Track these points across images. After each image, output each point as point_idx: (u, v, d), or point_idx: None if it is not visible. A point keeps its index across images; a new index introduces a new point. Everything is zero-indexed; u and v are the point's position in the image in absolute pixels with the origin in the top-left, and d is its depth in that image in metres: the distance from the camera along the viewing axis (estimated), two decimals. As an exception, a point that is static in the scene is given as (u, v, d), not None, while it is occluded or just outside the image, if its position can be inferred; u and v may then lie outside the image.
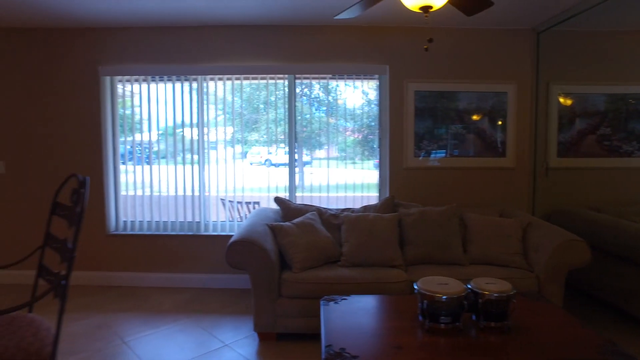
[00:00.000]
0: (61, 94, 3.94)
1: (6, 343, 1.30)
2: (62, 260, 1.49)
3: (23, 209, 4.02)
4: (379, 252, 3.02)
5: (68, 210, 1.56)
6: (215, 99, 3.93)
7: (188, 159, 3.95)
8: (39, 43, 3.92)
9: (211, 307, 3.46)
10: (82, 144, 3.94)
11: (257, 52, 3.82)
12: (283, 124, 3.95)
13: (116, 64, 3.89)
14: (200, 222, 3.95)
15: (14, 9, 3.33)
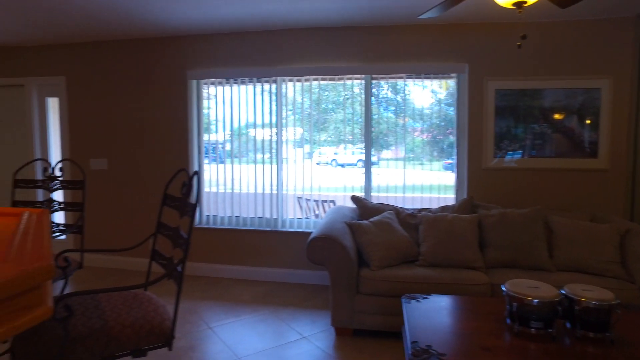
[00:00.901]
0: (154, 97, 4.30)
1: (135, 314, 1.47)
2: (175, 247, 1.66)
3: (123, 201, 4.45)
4: (458, 253, 2.96)
5: (178, 201, 1.73)
6: (293, 100, 4.07)
7: (264, 158, 4.13)
8: (136, 52, 4.32)
9: (288, 301, 3.60)
10: (172, 142, 4.28)
11: (334, 53, 3.91)
12: (352, 124, 4.00)
13: (202, 68, 4.17)
14: (278, 218, 4.12)
15: (119, 23, 3.71)
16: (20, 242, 1.24)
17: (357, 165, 4.17)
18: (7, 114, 4.81)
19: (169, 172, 4.30)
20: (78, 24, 3.79)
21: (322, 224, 3.07)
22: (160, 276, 1.52)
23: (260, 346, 2.81)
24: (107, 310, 1.51)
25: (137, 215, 4.43)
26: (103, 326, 1.39)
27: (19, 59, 4.68)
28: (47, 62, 4.60)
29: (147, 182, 4.37)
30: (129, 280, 4.12)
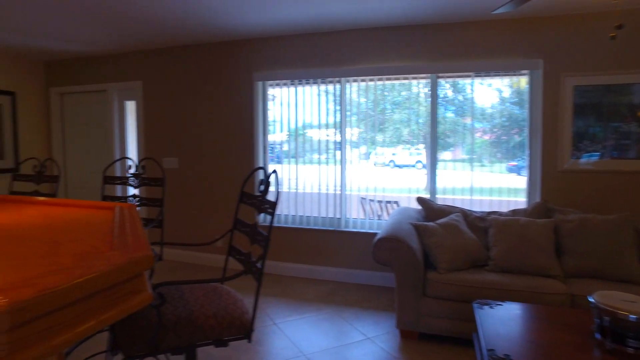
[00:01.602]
0: (223, 99, 4.48)
1: (217, 306, 1.53)
2: (252, 243, 1.71)
3: (192, 198, 4.68)
4: (532, 258, 2.81)
5: (255, 198, 1.79)
6: (351, 101, 4.07)
7: (322, 158, 4.16)
8: (206, 56, 4.53)
9: (351, 301, 3.59)
10: (238, 142, 4.44)
11: (398, 52, 3.86)
12: (412, 125, 3.93)
13: (267, 69, 4.29)
14: (341, 218, 4.13)
15: (192, 30, 3.91)
16: (120, 233, 1.34)
17: (415, 166, 4.09)
18: (92, 116, 5.23)
19: (236, 172, 4.46)
20: (155, 32, 4.04)
21: (388, 225, 3.04)
22: (239, 272, 1.58)
23: (325, 344, 2.83)
24: (191, 300, 1.59)
25: (204, 212, 4.64)
26: (189, 315, 1.47)
27: (102, 67, 5.07)
28: (126, 68, 4.94)
29: (214, 180, 4.57)
30: (201, 274, 4.32)
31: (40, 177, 2.85)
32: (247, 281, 3.92)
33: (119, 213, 1.71)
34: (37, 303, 0.81)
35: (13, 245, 1.25)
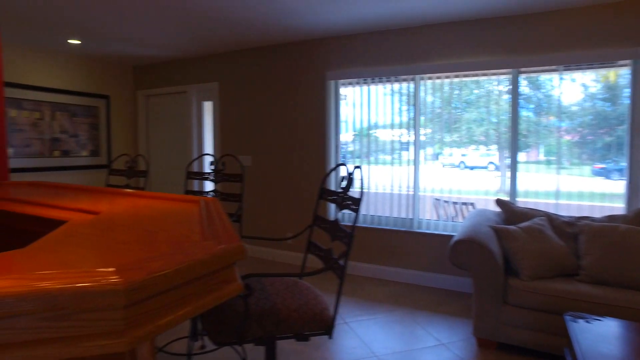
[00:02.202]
0: (296, 98, 4.56)
1: (298, 300, 1.55)
2: (333, 239, 1.70)
3: (265, 195, 4.82)
4: (634, 271, 2.53)
5: (336, 195, 1.78)
6: (427, 100, 3.94)
7: (393, 158, 4.07)
8: (280, 57, 4.63)
9: (423, 304, 3.48)
10: (311, 142, 4.49)
11: (476, 47, 3.68)
12: (485, 124, 3.71)
13: (340, 68, 4.29)
14: (413, 219, 4.03)
15: (267, 31, 4.02)
16: (209, 224, 1.39)
17: (487, 168, 3.88)
18: (173, 116, 5.58)
19: (307, 170, 4.52)
20: (232, 35, 4.21)
21: (465, 227, 2.90)
22: (321, 268, 1.58)
23: (397, 347, 2.76)
24: (272, 293, 1.61)
25: (275, 209, 4.75)
26: (272, 307, 1.49)
27: (183, 70, 5.39)
28: (204, 70, 5.21)
29: (286, 178, 4.66)
30: (274, 270, 4.43)
31: (131, 172, 3.07)
32: (321, 277, 3.96)
33: (205, 206, 1.78)
34: (148, 285, 0.86)
35: (116, 231, 1.35)
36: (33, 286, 0.78)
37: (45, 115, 4.95)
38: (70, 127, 5.20)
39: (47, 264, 0.99)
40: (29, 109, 4.80)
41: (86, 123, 5.36)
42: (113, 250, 1.10)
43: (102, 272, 0.86)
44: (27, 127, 4.80)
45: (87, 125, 5.37)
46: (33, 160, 4.84)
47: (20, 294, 0.76)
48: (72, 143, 5.23)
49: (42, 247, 1.16)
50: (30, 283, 0.79)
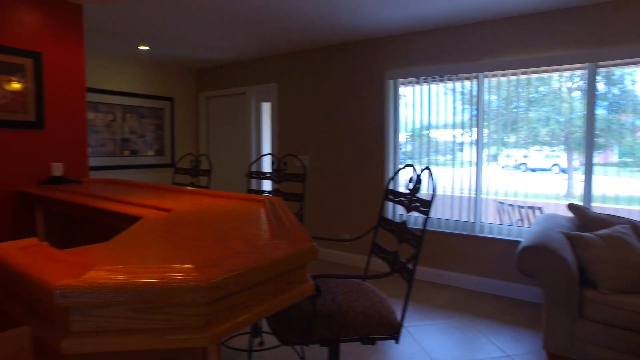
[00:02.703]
0: (353, 99, 4.54)
1: (364, 302, 1.52)
2: (400, 242, 1.66)
3: (322, 196, 4.84)
4: None
5: (402, 196, 1.73)
6: (488, 99, 3.77)
7: (442, 159, 3.92)
8: (337, 57, 4.63)
9: (485, 311, 3.33)
10: (369, 142, 4.44)
11: (546, 41, 3.46)
12: (551, 123, 3.47)
13: (399, 67, 4.21)
14: (475, 223, 3.87)
15: (325, 32, 4.03)
16: (278, 224, 1.41)
17: (551, 170, 3.63)
18: (233, 117, 5.76)
19: (365, 171, 4.48)
20: (291, 37, 4.26)
21: (534, 232, 2.73)
22: (388, 271, 1.54)
23: (458, 355, 2.65)
24: (338, 295, 1.60)
25: (332, 209, 4.75)
26: (338, 309, 1.48)
27: (242, 72, 5.54)
28: (262, 72, 5.32)
29: (344, 179, 4.65)
30: (332, 271, 4.44)
31: (195, 171, 3.20)
32: (383, 280, 3.90)
33: (270, 205, 1.81)
34: (227, 282, 0.87)
35: (189, 229, 1.39)
36: (126, 279, 0.82)
37: (117, 117, 5.29)
38: (138, 128, 5.51)
39: (129, 258, 1.04)
40: (104, 111, 5.15)
41: (152, 124, 5.66)
42: (189, 247, 1.14)
43: (185, 268, 0.88)
44: (102, 129, 5.14)
45: (153, 126, 5.67)
46: (106, 159, 5.18)
47: (116, 286, 0.80)
48: (140, 143, 5.54)
49: (123, 242, 1.22)
50: (124, 276, 0.83)
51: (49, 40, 2.87)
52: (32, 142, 2.83)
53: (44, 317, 0.90)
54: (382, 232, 4.30)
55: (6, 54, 2.68)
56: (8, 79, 2.70)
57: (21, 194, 2.74)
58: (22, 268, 0.90)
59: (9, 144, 2.71)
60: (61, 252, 1.05)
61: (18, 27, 2.72)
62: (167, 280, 0.82)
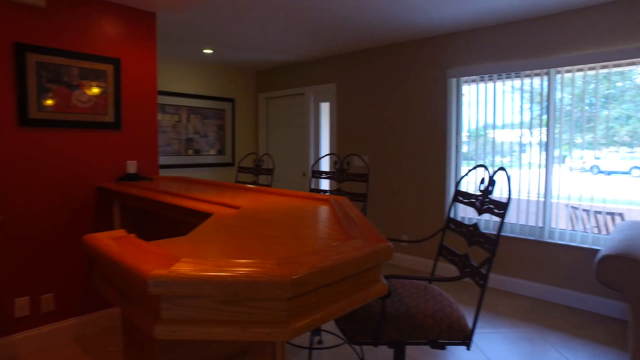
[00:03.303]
0: (413, 98, 4.45)
1: (432, 305, 1.48)
2: (471, 245, 1.60)
3: (381, 196, 4.80)
4: None
5: (474, 198, 1.67)
6: (562, 95, 3.53)
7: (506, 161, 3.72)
8: (396, 56, 4.56)
9: (556, 323, 3.13)
10: (429, 142, 4.34)
11: (628, 31, 3.18)
12: (633, 122, 3.19)
13: (461, 65, 4.07)
14: (544, 228, 3.65)
15: (384, 30, 3.98)
16: (349, 223, 1.40)
17: (630, 173, 3.33)
18: (292, 117, 5.86)
19: (426, 172, 4.38)
20: (350, 37, 4.25)
21: (616, 241, 2.53)
22: (460, 275, 1.49)
23: (528, 367, 2.52)
24: (405, 296, 1.57)
25: (390, 210, 4.69)
26: (407, 311, 1.45)
27: (301, 72, 5.62)
28: (321, 72, 5.36)
29: (403, 180, 4.58)
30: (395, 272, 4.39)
31: (258, 170, 3.28)
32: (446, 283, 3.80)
33: (337, 205, 1.81)
34: (310, 278, 0.88)
35: (260, 225, 1.43)
36: (213, 272, 0.85)
37: (183, 118, 5.55)
38: (201, 129, 5.76)
39: (208, 252, 1.08)
40: (171, 112, 5.43)
41: (215, 124, 5.89)
42: (264, 244, 1.16)
43: (267, 264, 0.90)
44: (168, 129, 5.43)
45: (215, 127, 5.90)
46: (172, 158, 5.46)
47: (203, 278, 0.84)
48: (202, 143, 5.78)
49: (200, 236, 1.27)
50: (211, 269, 0.86)
51: (126, 47, 3.07)
52: (111, 141, 3.04)
53: (136, 303, 0.96)
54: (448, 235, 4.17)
55: (93, 61, 2.90)
56: (93, 84, 2.92)
57: (101, 189, 2.95)
58: (118, 257, 0.96)
59: (92, 144, 2.93)
60: (148, 243, 1.11)
61: (102, 36, 2.94)
62: (252, 275, 0.85)
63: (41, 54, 2.67)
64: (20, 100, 2.60)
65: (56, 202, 2.79)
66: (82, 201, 2.91)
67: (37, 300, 2.73)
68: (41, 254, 2.74)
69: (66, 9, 2.77)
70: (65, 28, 2.77)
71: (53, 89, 2.74)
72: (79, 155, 2.88)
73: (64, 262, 2.85)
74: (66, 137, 2.82)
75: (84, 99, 2.89)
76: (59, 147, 2.79)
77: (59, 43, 2.75)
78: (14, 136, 2.60)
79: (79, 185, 2.89)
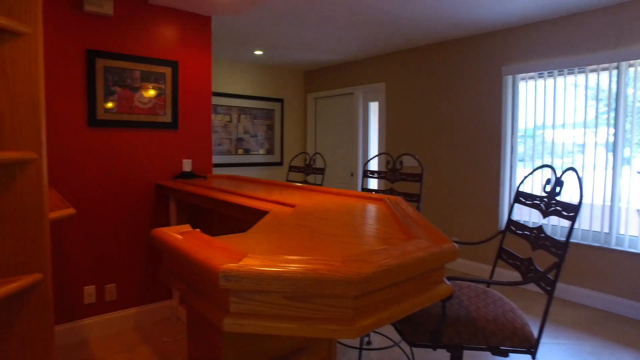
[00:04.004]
0: (465, 96, 4.32)
1: (494, 310, 1.42)
2: (535, 249, 1.52)
3: (431, 197, 4.70)
4: None
5: (538, 199, 1.59)
6: (633, 91, 3.28)
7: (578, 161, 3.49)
8: (448, 53, 4.44)
9: (625, 338, 2.91)
10: (482, 142, 4.19)
11: None
12: None
13: (519, 62, 3.89)
14: (610, 234, 3.41)
15: (435, 28, 3.88)
16: (408, 223, 1.38)
17: None
18: (340, 116, 5.86)
19: (478, 172, 4.24)
20: (400, 35, 4.19)
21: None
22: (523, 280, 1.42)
23: (593, 381, 2.36)
24: (464, 299, 1.52)
25: (443, 211, 4.58)
26: (467, 314, 1.40)
27: (350, 72, 5.60)
28: (370, 71, 5.32)
29: (454, 180, 4.45)
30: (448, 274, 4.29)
31: (309, 169, 3.30)
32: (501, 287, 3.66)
33: (393, 205, 1.78)
34: (377, 277, 0.87)
35: (318, 224, 1.43)
36: (282, 268, 0.86)
37: (233, 118, 5.70)
38: (251, 128, 5.89)
39: (271, 248, 1.10)
40: (222, 113, 5.59)
41: (264, 124, 6.00)
42: (325, 242, 1.16)
43: (333, 261, 0.90)
44: (220, 129, 5.59)
45: (264, 126, 6.01)
46: (223, 157, 5.62)
47: (272, 274, 0.85)
48: (252, 142, 5.91)
49: (261, 233, 1.29)
50: (279, 265, 0.87)
51: (183, 50, 3.20)
52: (169, 141, 3.17)
53: (206, 296, 0.99)
54: (506, 237, 4.02)
55: (153, 64, 3.04)
56: (153, 86, 3.06)
57: (159, 186, 3.09)
58: (188, 251, 1.00)
59: (151, 143, 3.08)
60: (213, 238, 1.14)
61: (161, 40, 3.07)
62: (320, 272, 0.85)
63: (108, 59, 2.84)
64: (89, 103, 2.78)
65: (120, 198, 2.95)
66: (142, 197, 3.06)
67: (102, 289, 2.90)
68: (106, 246, 2.91)
69: (130, 16, 2.92)
70: (129, 34, 2.92)
71: (117, 91, 2.90)
72: (139, 153, 3.03)
73: (125, 254, 3.00)
74: (128, 137, 2.97)
75: (145, 100, 3.03)
76: (122, 146, 2.94)
77: (124, 48, 2.90)
78: (84, 136, 2.78)
79: (140, 182, 3.04)
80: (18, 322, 1.56)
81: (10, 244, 1.51)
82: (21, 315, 1.56)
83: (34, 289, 1.57)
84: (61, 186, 2.71)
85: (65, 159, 2.72)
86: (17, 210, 1.52)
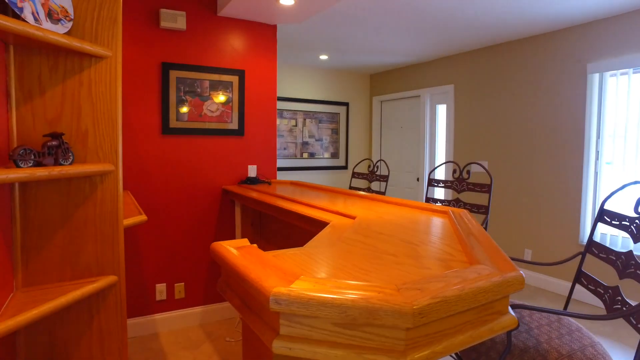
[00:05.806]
0: (542, 98, 4.00)
1: (569, 343, 1.29)
2: (622, 277, 1.36)
3: (503, 205, 4.43)
4: None
5: (627, 220, 1.41)
6: None
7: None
8: (520, 52, 4.14)
9: None
10: (560, 146, 3.86)
11: None
12: None
13: (607, 58, 3.53)
14: None
15: (509, 24, 3.64)
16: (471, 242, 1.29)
17: None
18: (406, 120, 5.72)
19: (556, 181, 3.92)
20: (468, 35, 3.98)
21: None
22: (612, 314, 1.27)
23: None
24: (534, 328, 1.40)
25: (513, 222, 4.29)
26: (537, 346, 1.29)
27: (416, 74, 5.45)
28: (438, 73, 5.13)
29: (528, 189, 4.15)
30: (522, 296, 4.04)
31: (372, 176, 3.25)
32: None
33: (456, 219, 1.69)
34: (432, 309, 0.82)
35: (377, 239, 1.39)
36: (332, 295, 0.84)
37: (299, 122, 5.79)
38: (316, 133, 5.94)
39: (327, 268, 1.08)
40: (287, 117, 5.70)
41: (329, 128, 6.03)
42: (383, 262, 1.13)
43: (387, 289, 0.86)
44: (285, 133, 5.71)
45: (329, 130, 6.04)
46: (288, 161, 5.73)
47: (322, 300, 0.83)
48: (317, 146, 5.96)
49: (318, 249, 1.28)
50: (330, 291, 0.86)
51: (250, 58, 3.30)
52: (235, 147, 3.29)
53: (258, 314, 1.00)
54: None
55: (221, 74, 3.17)
56: (222, 94, 3.19)
57: (225, 191, 3.21)
58: (241, 270, 1.01)
59: (219, 149, 3.21)
60: (267, 254, 1.15)
61: (229, 50, 3.20)
62: (371, 301, 0.82)
63: (180, 70, 3.01)
64: (163, 112, 2.96)
65: (189, 202, 3.12)
66: (209, 202, 3.20)
67: (172, 287, 3.08)
68: (175, 247, 3.08)
69: (200, 29, 3.07)
70: (200, 45, 3.07)
71: (188, 100, 3.07)
72: (207, 160, 3.17)
73: (193, 256, 3.16)
74: (197, 144, 3.12)
75: (213, 108, 3.17)
76: (191, 153, 3.10)
77: (194, 59, 3.06)
78: (157, 144, 2.97)
79: (207, 187, 3.19)
80: (97, 319, 1.70)
81: (92, 248, 1.65)
82: (99, 313, 1.70)
83: (110, 290, 1.70)
84: (136, 191, 2.92)
85: (141, 166, 2.92)
86: (98, 217, 1.65)
